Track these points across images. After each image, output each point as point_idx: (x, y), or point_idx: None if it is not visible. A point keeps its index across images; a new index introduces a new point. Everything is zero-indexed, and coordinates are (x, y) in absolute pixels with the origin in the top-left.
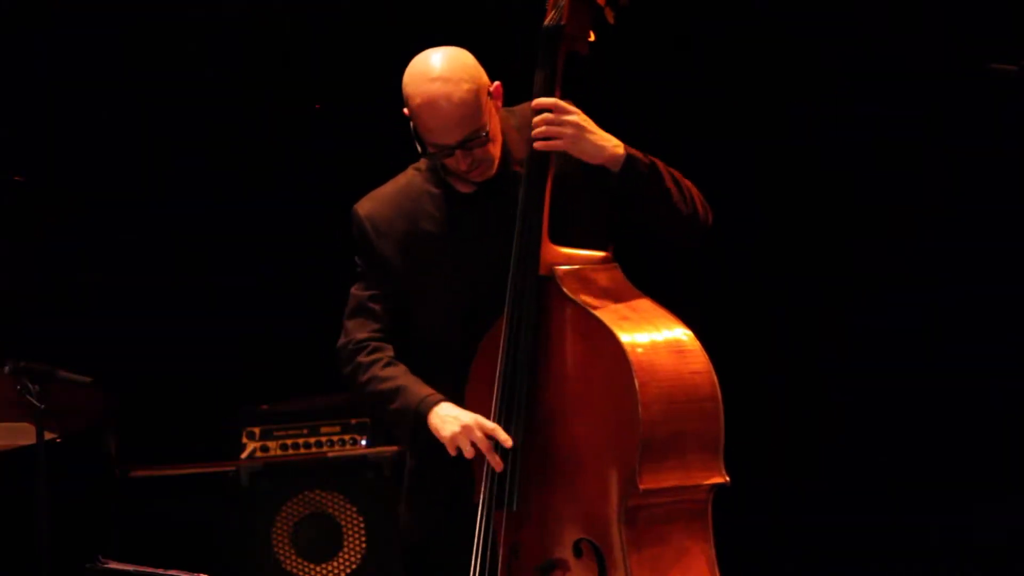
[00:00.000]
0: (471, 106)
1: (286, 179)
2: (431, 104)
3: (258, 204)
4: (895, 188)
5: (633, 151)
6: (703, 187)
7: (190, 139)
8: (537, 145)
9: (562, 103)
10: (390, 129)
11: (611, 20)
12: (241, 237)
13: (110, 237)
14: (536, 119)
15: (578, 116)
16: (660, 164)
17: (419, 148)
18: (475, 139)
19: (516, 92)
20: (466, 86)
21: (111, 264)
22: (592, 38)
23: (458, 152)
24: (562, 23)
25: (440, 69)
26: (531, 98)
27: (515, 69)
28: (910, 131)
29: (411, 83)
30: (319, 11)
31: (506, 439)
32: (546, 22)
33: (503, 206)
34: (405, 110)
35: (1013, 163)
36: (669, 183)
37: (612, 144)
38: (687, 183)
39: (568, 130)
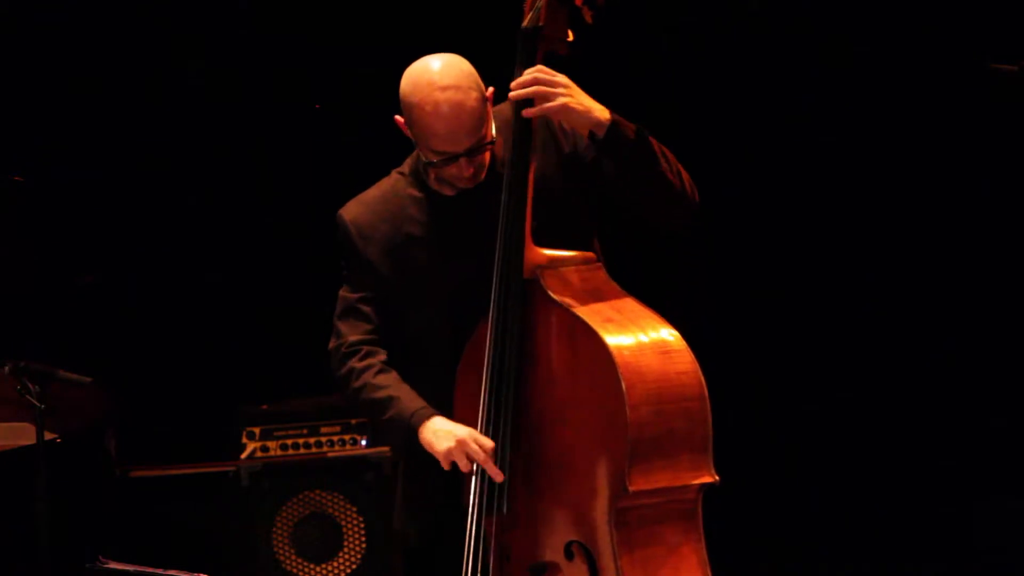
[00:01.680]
0: (480, 114)
1: (286, 179)
2: (442, 113)
3: (258, 204)
4: (895, 188)
5: (619, 118)
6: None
7: (190, 139)
8: (526, 112)
9: (547, 70)
10: (390, 129)
11: (589, 20)
12: (241, 237)
13: (110, 237)
14: (525, 80)
15: (566, 80)
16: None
17: (422, 156)
18: (480, 146)
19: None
20: (474, 94)
21: (111, 264)
22: (571, 38)
23: (462, 160)
24: (540, 24)
25: (449, 78)
26: (510, 98)
27: (495, 70)
28: (910, 131)
29: (416, 92)
30: (319, 11)
31: (497, 474)
32: (524, 24)
33: (487, 208)
34: (398, 117)
35: (1013, 163)
36: (657, 152)
37: (599, 108)
38: (674, 160)
39: (560, 91)
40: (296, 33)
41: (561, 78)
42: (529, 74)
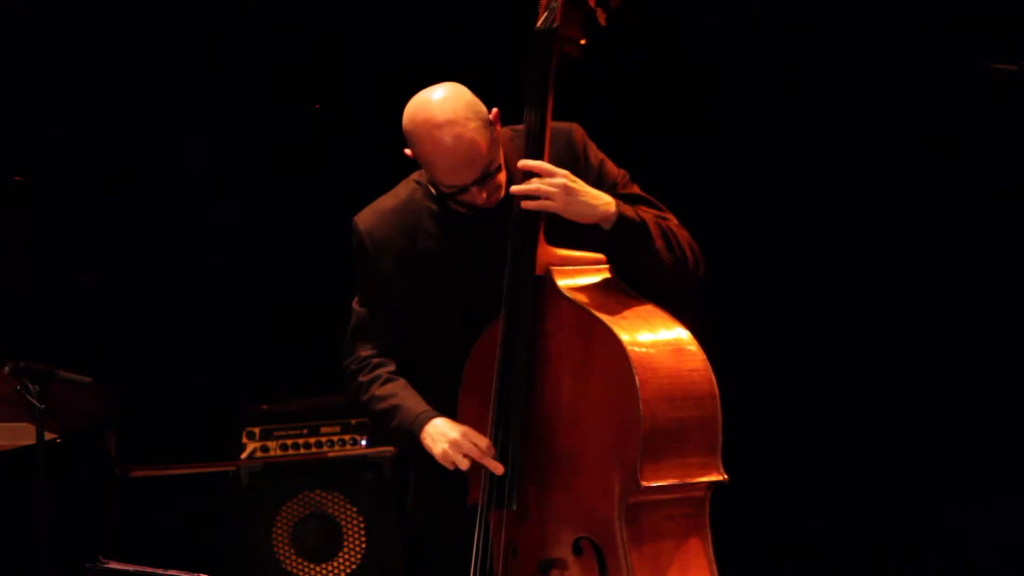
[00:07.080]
0: (482, 143)
1: (286, 179)
2: (443, 149)
3: (258, 204)
4: (895, 188)
5: (625, 209)
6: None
7: (190, 139)
8: (524, 204)
9: (547, 165)
10: (390, 130)
11: (602, 22)
12: (241, 237)
13: (110, 237)
14: (525, 182)
15: (566, 178)
16: (651, 220)
17: (432, 190)
18: (488, 174)
19: (508, 95)
20: (473, 124)
21: (111, 264)
22: (584, 41)
23: (473, 188)
24: (555, 25)
25: (444, 112)
26: (524, 99)
27: (508, 71)
28: (911, 131)
29: (417, 130)
30: (320, 12)
31: (497, 467)
32: (538, 24)
33: (503, 226)
34: (407, 151)
35: (1013, 163)
36: (658, 241)
37: (603, 203)
38: (682, 234)
39: (557, 192)
40: (296, 33)
41: (560, 177)
42: (531, 167)
